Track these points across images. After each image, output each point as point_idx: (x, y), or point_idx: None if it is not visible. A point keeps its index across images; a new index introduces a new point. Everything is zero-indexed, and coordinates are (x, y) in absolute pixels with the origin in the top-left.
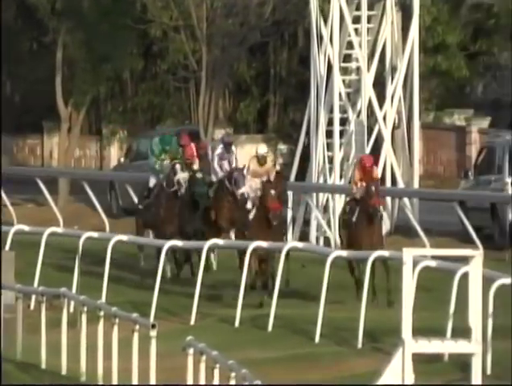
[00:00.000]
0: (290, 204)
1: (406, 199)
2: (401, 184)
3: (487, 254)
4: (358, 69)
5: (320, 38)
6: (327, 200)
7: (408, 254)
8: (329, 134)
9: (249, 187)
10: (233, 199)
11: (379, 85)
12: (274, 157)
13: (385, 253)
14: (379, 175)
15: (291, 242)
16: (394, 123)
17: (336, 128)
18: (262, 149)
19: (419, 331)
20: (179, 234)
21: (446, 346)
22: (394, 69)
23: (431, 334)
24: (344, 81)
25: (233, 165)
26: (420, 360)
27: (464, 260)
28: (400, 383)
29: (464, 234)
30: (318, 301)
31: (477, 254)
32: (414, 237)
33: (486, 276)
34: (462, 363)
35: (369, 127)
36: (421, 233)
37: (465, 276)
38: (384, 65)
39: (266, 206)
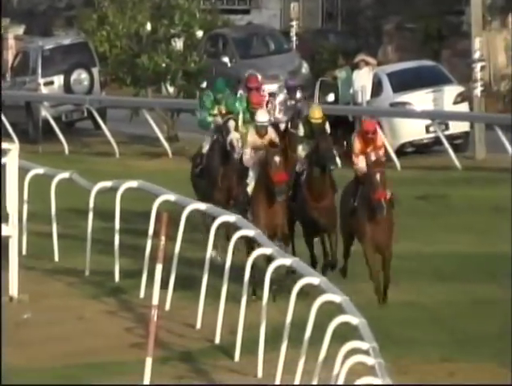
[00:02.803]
0: None
1: None
2: None
3: (23, 147)
4: None
5: None
6: None
7: None
8: None
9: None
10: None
11: None
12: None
13: None
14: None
15: None
16: None
17: None
18: (262, 116)
19: None
20: (232, 205)
21: None
22: None
23: None
24: None
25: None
26: None
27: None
28: None
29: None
30: None
31: (14, 147)
32: None
33: (22, 166)
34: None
35: None
36: None
37: (4, 166)
38: None
39: (268, 177)
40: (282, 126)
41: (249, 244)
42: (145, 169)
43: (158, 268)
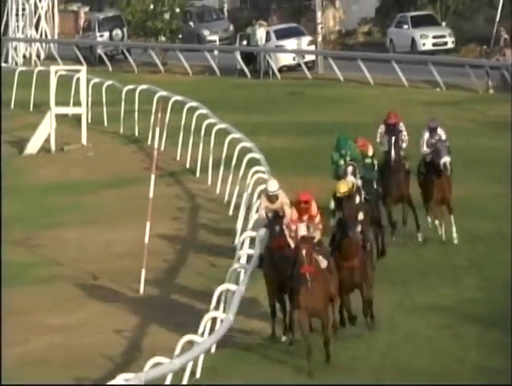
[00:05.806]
0: None
1: None
2: None
3: (88, 69)
4: None
5: None
6: None
7: None
8: None
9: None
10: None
11: None
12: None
13: None
14: (317, 214)
15: None
16: None
17: None
18: (273, 186)
19: None
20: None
21: None
22: None
23: None
24: None
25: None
26: None
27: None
28: None
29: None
30: None
31: (83, 69)
32: None
33: (88, 78)
34: None
35: None
36: None
37: (78, 79)
38: None
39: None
40: (428, 158)
41: None
42: (150, 79)
43: (157, 131)
